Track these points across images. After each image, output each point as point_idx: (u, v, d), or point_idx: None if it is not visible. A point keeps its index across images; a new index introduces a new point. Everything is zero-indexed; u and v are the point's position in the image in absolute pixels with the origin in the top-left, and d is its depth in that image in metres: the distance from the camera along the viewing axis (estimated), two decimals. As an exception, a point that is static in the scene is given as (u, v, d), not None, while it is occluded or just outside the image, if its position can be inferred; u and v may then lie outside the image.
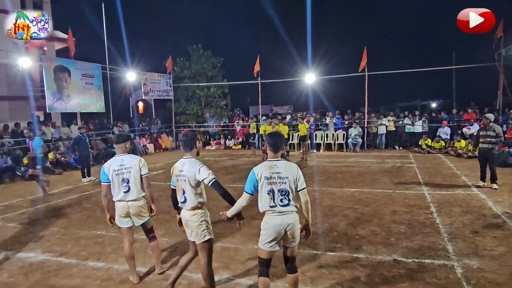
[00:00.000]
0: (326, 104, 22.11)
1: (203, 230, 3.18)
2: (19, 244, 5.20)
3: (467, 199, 6.81)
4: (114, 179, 3.73)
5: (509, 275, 3.71)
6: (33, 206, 7.47)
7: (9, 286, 3.90)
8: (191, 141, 3.32)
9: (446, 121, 14.67)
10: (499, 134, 7.49)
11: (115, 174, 3.72)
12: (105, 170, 3.75)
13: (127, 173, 3.75)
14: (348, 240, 4.86)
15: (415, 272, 3.85)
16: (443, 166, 10.66)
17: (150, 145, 17.06)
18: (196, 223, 3.17)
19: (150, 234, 3.99)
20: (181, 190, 3.19)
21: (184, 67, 20.09)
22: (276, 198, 2.86)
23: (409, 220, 5.64)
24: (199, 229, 3.17)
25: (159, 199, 7.56)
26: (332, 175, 9.75)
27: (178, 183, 3.23)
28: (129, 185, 3.75)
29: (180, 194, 3.22)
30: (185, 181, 3.14)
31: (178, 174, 3.22)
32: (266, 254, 2.92)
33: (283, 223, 2.84)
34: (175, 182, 3.28)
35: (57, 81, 12.10)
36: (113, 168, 3.73)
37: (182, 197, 3.20)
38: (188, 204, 3.17)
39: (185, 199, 3.18)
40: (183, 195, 3.18)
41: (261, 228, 2.94)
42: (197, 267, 4.17)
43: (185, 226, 3.31)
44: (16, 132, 12.61)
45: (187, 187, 3.14)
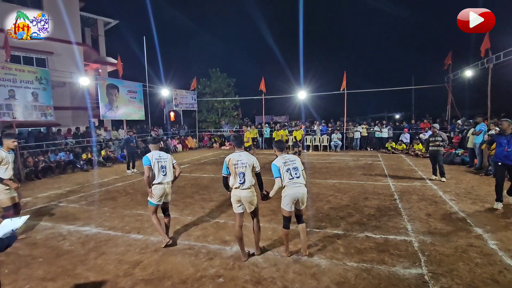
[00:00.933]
0: (314, 114, 22.03)
1: (255, 201, 3.49)
2: (78, 220, 5.22)
3: (422, 189, 6.73)
4: (155, 165, 3.90)
5: (455, 248, 3.66)
6: (89, 191, 7.50)
7: (70, 252, 3.92)
8: (241, 141, 3.63)
9: (406, 128, 14.54)
10: (445, 139, 7.48)
11: (156, 161, 3.92)
12: (149, 157, 3.92)
13: (164, 162, 3.98)
14: (330, 220, 4.83)
15: (382, 245, 3.81)
16: (404, 164, 10.55)
17: (179, 145, 17.08)
18: (253, 197, 3.44)
19: (167, 212, 4.17)
20: (239, 174, 3.37)
21: (206, 85, 20.14)
22: (293, 173, 3.45)
23: (377, 205, 5.58)
24: (254, 200, 3.46)
25: (185, 187, 7.57)
26: (318, 170, 9.69)
27: (236, 169, 3.37)
28: (166, 170, 3.98)
29: (238, 177, 3.37)
30: (246, 167, 3.37)
31: (236, 162, 3.38)
32: (287, 213, 3.48)
33: (295, 193, 3.41)
34: (232, 169, 3.39)
35: (108, 95, 12.15)
36: (155, 157, 3.94)
37: (241, 179, 3.36)
38: (247, 183, 3.38)
39: (244, 180, 3.37)
40: (243, 177, 3.36)
41: (282, 196, 3.48)
42: (214, 238, 4.17)
43: (238, 202, 3.47)
44: (77, 134, 12.69)
45: (247, 171, 3.37)
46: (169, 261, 3.56)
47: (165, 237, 3.95)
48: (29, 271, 3.43)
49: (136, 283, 3.10)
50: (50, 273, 3.36)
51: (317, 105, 22.46)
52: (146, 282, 3.12)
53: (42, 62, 14.12)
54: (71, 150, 11.26)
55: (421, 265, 3.29)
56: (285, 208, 3.47)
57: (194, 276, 3.21)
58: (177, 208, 5.71)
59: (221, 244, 3.99)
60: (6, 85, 8.48)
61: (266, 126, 17.26)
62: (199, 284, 3.06)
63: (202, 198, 6.40)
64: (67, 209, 5.94)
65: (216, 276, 3.20)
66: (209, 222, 4.88)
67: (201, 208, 5.72)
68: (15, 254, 3.87)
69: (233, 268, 3.35)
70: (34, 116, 9.27)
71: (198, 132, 19.33)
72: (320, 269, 3.28)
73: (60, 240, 4.32)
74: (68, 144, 11.63)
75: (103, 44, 19.36)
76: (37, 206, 6.15)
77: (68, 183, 8.62)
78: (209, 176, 8.95)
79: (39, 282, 3.18)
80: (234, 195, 3.45)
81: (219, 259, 3.58)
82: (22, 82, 8.88)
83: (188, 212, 5.47)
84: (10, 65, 8.76)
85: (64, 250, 3.97)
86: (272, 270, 3.27)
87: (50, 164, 9.92)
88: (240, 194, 3.40)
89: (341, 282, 3.01)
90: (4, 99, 8.42)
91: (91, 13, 18.11)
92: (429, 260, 3.41)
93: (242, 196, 3.40)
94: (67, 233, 4.60)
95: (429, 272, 3.14)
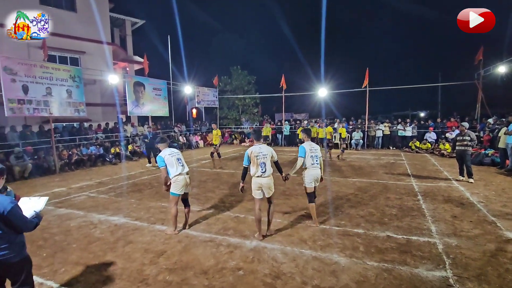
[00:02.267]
0: (335, 112, 21.58)
1: (273, 187, 3.95)
2: (107, 210, 5.47)
3: (448, 190, 6.43)
4: (169, 160, 4.08)
5: (483, 252, 3.48)
6: (117, 183, 7.82)
7: (101, 239, 4.13)
8: (260, 134, 4.03)
9: (432, 127, 13.94)
10: (473, 139, 7.06)
11: (170, 156, 4.10)
12: (162, 157, 4.09)
13: (177, 155, 4.21)
14: (350, 218, 4.74)
15: (403, 246, 3.69)
16: (428, 163, 10.11)
17: (201, 141, 17.41)
18: (272, 183, 3.90)
19: (187, 202, 4.39)
20: (260, 164, 3.81)
21: (227, 83, 20.31)
22: (314, 160, 4.29)
23: (399, 205, 5.41)
24: (272, 186, 3.92)
25: (207, 182, 7.71)
26: (338, 168, 9.52)
27: (258, 160, 3.80)
28: (182, 161, 4.21)
29: (260, 167, 3.81)
30: (267, 157, 3.84)
31: (258, 154, 3.81)
32: (310, 189, 4.29)
33: (315, 174, 4.28)
34: (253, 160, 3.82)
35: (135, 92, 12.56)
36: (167, 153, 4.12)
37: (263, 168, 3.82)
38: (268, 172, 3.84)
39: (265, 169, 3.83)
40: (264, 166, 3.82)
41: (305, 176, 4.31)
42: (235, 232, 4.24)
43: (259, 189, 3.88)
44: (106, 129, 13.26)
45: (267, 161, 3.85)
46: (191, 252, 3.66)
47: (175, 229, 4.22)
48: (64, 256, 3.65)
49: (161, 272, 3.22)
50: (83, 258, 3.57)
51: (338, 103, 22.00)
52: (170, 271, 3.23)
53: (75, 61, 14.84)
54: (101, 144, 11.77)
55: (446, 268, 3.16)
56: (308, 185, 4.27)
57: (215, 267, 3.28)
58: (198, 201, 5.84)
59: (241, 238, 4.04)
60: (44, 82, 9.02)
61: (286, 123, 17.16)
62: (220, 275, 3.12)
63: (222, 193, 6.50)
64: (98, 199, 6.23)
65: (236, 268, 3.25)
66: (229, 216, 4.95)
67: (222, 202, 5.81)
68: (52, 240, 4.14)
69: (253, 262, 3.39)
70: (68, 112, 9.79)
71: (219, 129, 19.58)
72: (340, 267, 3.24)
73: (92, 228, 4.56)
74: (98, 139, 12.18)
75: (130, 43, 20.00)
76: (71, 196, 6.52)
77: (98, 175, 9.05)
78: (229, 172, 9.06)
79: (73, 266, 3.39)
80: (256, 182, 3.86)
81: (239, 252, 3.64)
82: (58, 80, 9.40)
83: (210, 206, 5.58)
84: (48, 64, 9.30)
85: (95, 238, 4.19)
86: (291, 266, 3.27)
87: (82, 157, 10.45)
88: (262, 181, 3.84)
89: (360, 281, 2.96)
90: (42, 96, 8.96)
91: (120, 13, 18.76)
92: (455, 263, 3.26)
93: (264, 183, 3.84)
94: (98, 221, 4.84)
95: (454, 276, 3.01)
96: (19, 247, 2.23)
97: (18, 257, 2.20)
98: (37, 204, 2.38)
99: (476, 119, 13.58)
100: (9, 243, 2.15)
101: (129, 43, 19.97)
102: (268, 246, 3.78)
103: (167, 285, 2.96)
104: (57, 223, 4.77)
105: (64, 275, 3.21)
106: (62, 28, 13.83)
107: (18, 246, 2.22)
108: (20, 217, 2.14)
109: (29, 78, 8.62)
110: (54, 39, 13.04)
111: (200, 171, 9.26)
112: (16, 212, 2.12)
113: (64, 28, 13.89)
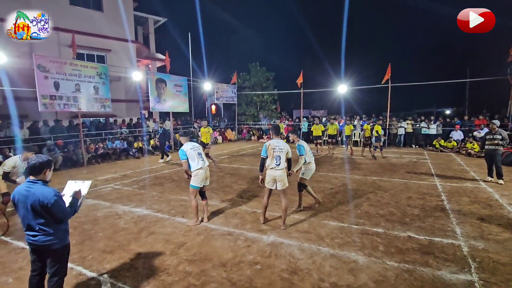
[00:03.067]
0: (356, 109, 21.08)
1: (286, 181, 4.10)
2: (131, 202, 5.68)
3: (475, 191, 6.12)
4: (191, 154, 4.24)
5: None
6: (140, 176, 8.08)
7: (125, 229, 4.31)
8: (278, 130, 4.26)
9: (458, 125, 13.24)
10: (505, 137, 6.65)
11: (191, 150, 4.26)
12: (184, 150, 4.25)
13: (198, 149, 4.36)
14: (369, 217, 4.63)
15: (426, 247, 3.57)
16: (454, 163, 9.65)
17: (219, 137, 17.61)
18: (284, 176, 4.07)
19: (204, 195, 4.53)
20: (276, 157, 4.02)
21: (245, 79, 20.31)
22: (311, 155, 4.83)
23: (422, 205, 5.21)
24: (285, 180, 4.08)
25: (225, 177, 7.80)
26: (358, 166, 9.31)
27: (274, 153, 4.03)
28: (202, 156, 4.36)
29: (275, 160, 4.03)
30: (282, 152, 4.02)
31: (275, 147, 4.04)
32: (307, 181, 4.91)
33: (314, 168, 4.89)
34: (270, 153, 4.06)
35: (157, 89, 12.86)
36: (189, 147, 4.28)
37: (278, 161, 4.02)
38: (281, 165, 4.03)
39: (280, 162, 4.02)
40: (279, 160, 4.01)
41: (305, 170, 4.80)
42: (252, 227, 4.27)
43: (272, 181, 4.10)
44: (130, 124, 13.72)
45: (282, 155, 4.03)
46: (210, 245, 3.73)
47: (196, 220, 4.39)
48: (91, 243, 3.85)
49: (181, 262, 3.31)
50: (108, 247, 3.74)
51: (358, 99, 21.48)
52: (189, 262, 3.32)
53: (101, 59, 15.42)
54: (125, 139, 12.19)
55: (471, 272, 3.02)
56: (307, 178, 4.84)
57: (233, 260, 3.33)
58: (217, 196, 5.93)
59: (258, 233, 4.07)
60: (73, 79, 9.44)
61: (304, 120, 16.97)
62: (237, 268, 3.17)
63: (240, 188, 6.56)
64: (122, 191, 6.48)
65: (254, 262, 3.28)
66: (247, 211, 4.99)
67: (240, 197, 5.87)
68: (81, 228, 4.36)
69: (270, 257, 3.41)
70: (95, 107, 10.21)
71: (237, 125, 19.69)
72: (358, 266, 3.18)
73: (117, 218, 4.76)
74: (122, 134, 12.64)
75: (153, 41, 20.50)
76: (98, 187, 6.83)
77: (122, 168, 9.40)
78: (247, 167, 9.11)
79: (100, 254, 3.56)
80: (270, 174, 4.09)
81: (256, 246, 3.66)
82: (86, 77, 9.81)
83: (228, 201, 5.64)
84: (77, 61, 9.72)
85: (120, 228, 4.37)
86: (309, 262, 3.26)
87: (108, 151, 10.89)
88: (275, 174, 4.05)
89: (379, 281, 2.90)
90: (71, 92, 9.40)
91: (143, 12, 19.24)
92: (481, 267, 3.11)
93: (277, 175, 4.04)
94: (122, 212, 5.05)
95: (480, 280, 2.87)
96: (63, 235, 2.39)
97: (60, 244, 2.36)
98: (83, 187, 2.54)
99: (507, 116, 12.74)
100: (54, 230, 2.31)
101: (151, 41, 20.46)
102: (285, 242, 3.79)
103: (187, 276, 3.04)
104: (85, 213, 5.01)
105: (91, 261, 3.38)
106: (90, 27, 14.41)
107: (62, 233, 2.38)
108: (62, 209, 2.29)
109: (60, 75, 9.06)
110: (83, 38, 13.64)
111: (218, 166, 9.38)
112: (59, 205, 2.27)
113: (91, 27, 14.46)
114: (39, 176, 2.32)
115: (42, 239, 2.28)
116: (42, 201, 2.20)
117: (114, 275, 3.08)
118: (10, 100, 10.64)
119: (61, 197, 2.31)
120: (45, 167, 2.34)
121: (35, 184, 2.29)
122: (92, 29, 14.45)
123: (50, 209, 2.22)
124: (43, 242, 2.28)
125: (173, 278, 3.01)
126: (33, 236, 2.28)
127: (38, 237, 2.28)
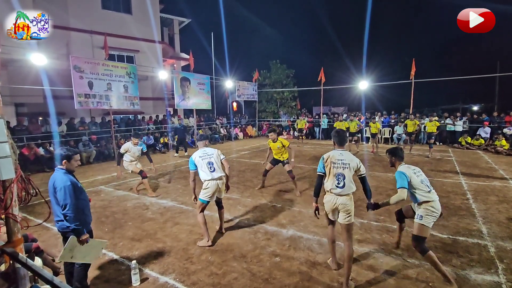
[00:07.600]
0: (377, 105, 20.35)
1: (352, 211, 2.71)
2: (157, 193, 5.89)
3: (503, 190, 5.73)
4: (200, 162, 3.58)
5: (545, 260, 3.06)
6: (166, 170, 8.34)
7: (152, 219, 4.48)
8: (343, 138, 2.86)
9: (487, 122, 12.39)
10: None
11: (200, 159, 3.58)
12: (193, 159, 3.60)
13: (210, 158, 3.63)
14: (389, 214, 4.48)
15: (449, 246, 3.41)
16: (481, 161, 9.06)
17: (240, 133, 17.74)
18: (350, 205, 2.69)
19: (221, 204, 3.91)
20: (337, 175, 2.70)
21: (266, 77, 20.27)
22: (428, 186, 2.99)
23: (445, 203, 4.95)
24: (351, 209, 2.70)
25: (245, 171, 7.86)
26: (378, 162, 9.01)
27: (334, 169, 2.72)
28: (214, 166, 3.61)
29: (336, 179, 2.70)
30: (347, 168, 2.68)
31: (336, 161, 2.72)
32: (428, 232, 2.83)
33: (439, 208, 2.84)
34: (328, 168, 2.76)
35: (182, 87, 13.15)
36: (198, 156, 3.60)
37: (341, 182, 2.68)
38: (347, 189, 2.67)
39: (344, 184, 2.67)
40: (343, 180, 2.67)
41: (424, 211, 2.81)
42: (272, 221, 4.28)
43: (332, 210, 2.77)
44: (156, 121, 14.16)
45: (348, 173, 2.68)
46: (231, 236, 3.80)
47: (208, 239, 3.57)
48: (122, 231, 4.04)
49: (203, 252, 3.40)
50: (137, 235, 3.91)
51: (380, 96, 20.73)
52: (211, 252, 3.40)
53: (130, 59, 15.98)
54: (152, 134, 12.63)
55: (498, 273, 2.85)
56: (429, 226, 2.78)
57: (253, 252, 3.37)
58: (238, 190, 5.99)
59: (277, 227, 4.08)
60: (105, 79, 9.89)
61: (324, 117, 16.66)
62: (257, 260, 3.20)
63: (260, 183, 6.57)
64: (149, 184, 6.71)
65: (273, 255, 3.30)
66: (267, 205, 5.01)
67: (260, 192, 5.89)
68: (112, 217, 4.59)
69: (289, 250, 3.41)
70: (124, 105, 10.64)
71: (257, 122, 19.72)
72: (378, 262, 3.11)
73: (144, 209, 4.96)
74: (150, 130, 13.08)
75: (178, 41, 20.91)
76: (127, 180, 7.14)
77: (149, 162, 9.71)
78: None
79: (129, 241, 3.73)
80: (328, 201, 2.76)
81: (276, 240, 3.68)
82: (116, 77, 10.24)
83: (248, 195, 5.70)
84: (108, 62, 10.16)
85: (148, 218, 4.55)
86: (328, 257, 3.22)
87: (136, 146, 11.32)
88: (337, 200, 2.70)
89: (400, 278, 2.81)
90: (104, 91, 9.85)
91: (169, 14, 19.67)
92: (509, 268, 2.93)
93: (339, 203, 2.69)
94: (150, 204, 5.25)
95: (508, 282, 2.70)
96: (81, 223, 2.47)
97: None
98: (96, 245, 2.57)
99: (543, 113, 11.78)
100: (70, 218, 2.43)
101: (176, 41, 20.89)
102: (304, 236, 3.77)
103: (209, 265, 3.12)
104: (116, 203, 5.27)
105: (122, 248, 3.56)
106: (120, 29, 14.95)
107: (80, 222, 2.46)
108: (64, 198, 2.37)
109: (93, 75, 9.52)
110: (114, 39, 14.18)
111: (239, 162, 9.47)
112: (64, 193, 2.38)
113: (121, 29, 15.00)
114: (61, 165, 2.53)
115: (61, 225, 2.46)
116: (55, 186, 2.40)
117: (142, 261, 3.23)
118: (49, 98, 11.36)
119: (68, 186, 2.39)
120: (64, 158, 2.52)
121: (58, 171, 2.50)
122: (122, 31, 14.98)
123: (57, 193, 2.39)
124: (62, 229, 2.48)
125: (196, 266, 3.10)
126: (56, 222, 2.49)
127: (59, 223, 2.47)
